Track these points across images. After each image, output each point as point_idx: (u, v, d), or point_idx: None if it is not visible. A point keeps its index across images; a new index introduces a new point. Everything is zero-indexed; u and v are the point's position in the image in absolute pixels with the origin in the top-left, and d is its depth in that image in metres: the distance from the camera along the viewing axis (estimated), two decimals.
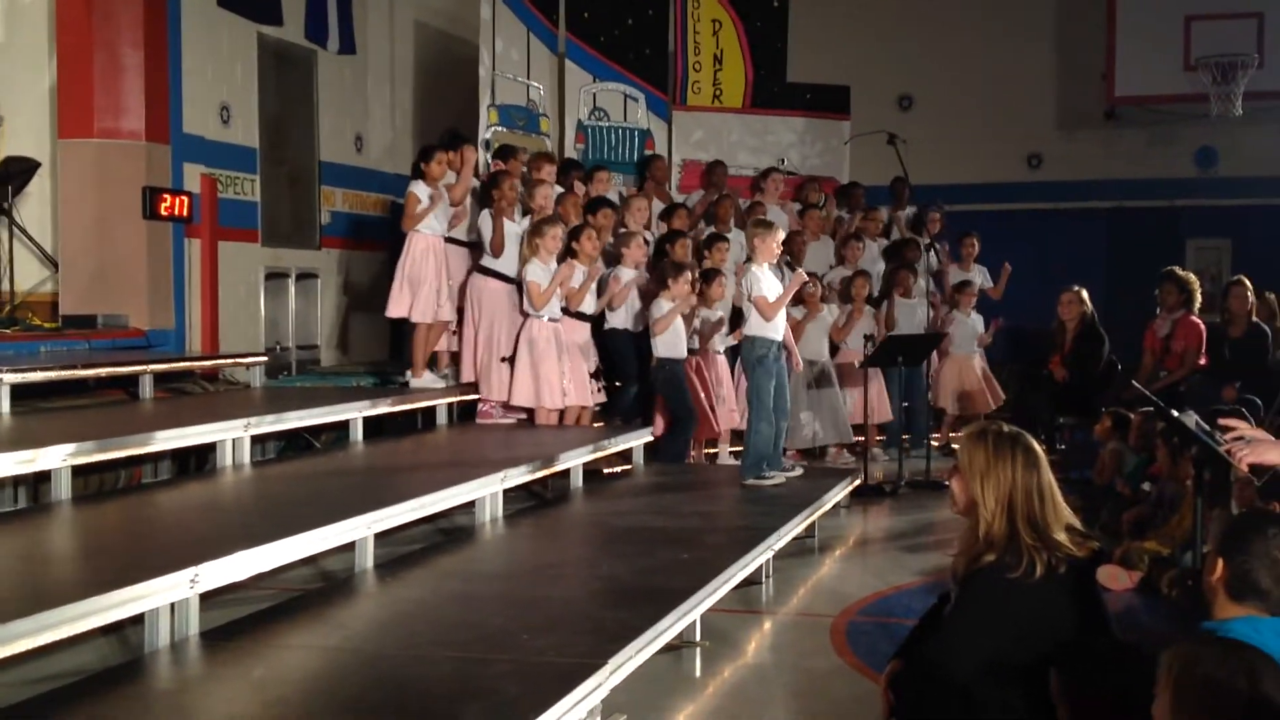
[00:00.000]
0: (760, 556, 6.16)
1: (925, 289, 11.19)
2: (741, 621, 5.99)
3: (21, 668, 4.24)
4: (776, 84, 13.70)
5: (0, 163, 9.15)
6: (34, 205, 9.31)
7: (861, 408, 10.30)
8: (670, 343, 8.87)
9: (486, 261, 8.92)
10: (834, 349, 10.80)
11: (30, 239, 9.21)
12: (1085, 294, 10.22)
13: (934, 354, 11.03)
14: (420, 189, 8.70)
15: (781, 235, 8.32)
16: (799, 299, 9.97)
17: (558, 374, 8.56)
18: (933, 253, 11.47)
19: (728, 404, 9.50)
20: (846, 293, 11.04)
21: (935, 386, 11.43)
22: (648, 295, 9.23)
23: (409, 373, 8.82)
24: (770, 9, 13.78)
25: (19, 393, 6.68)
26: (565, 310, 8.78)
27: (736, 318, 9.40)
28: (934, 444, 10.80)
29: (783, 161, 13.13)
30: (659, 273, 9.09)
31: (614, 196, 10.57)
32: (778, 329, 7.92)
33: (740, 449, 8.61)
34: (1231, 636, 2.90)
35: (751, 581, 6.23)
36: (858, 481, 8.90)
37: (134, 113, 9.33)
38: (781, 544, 6.59)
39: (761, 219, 8.86)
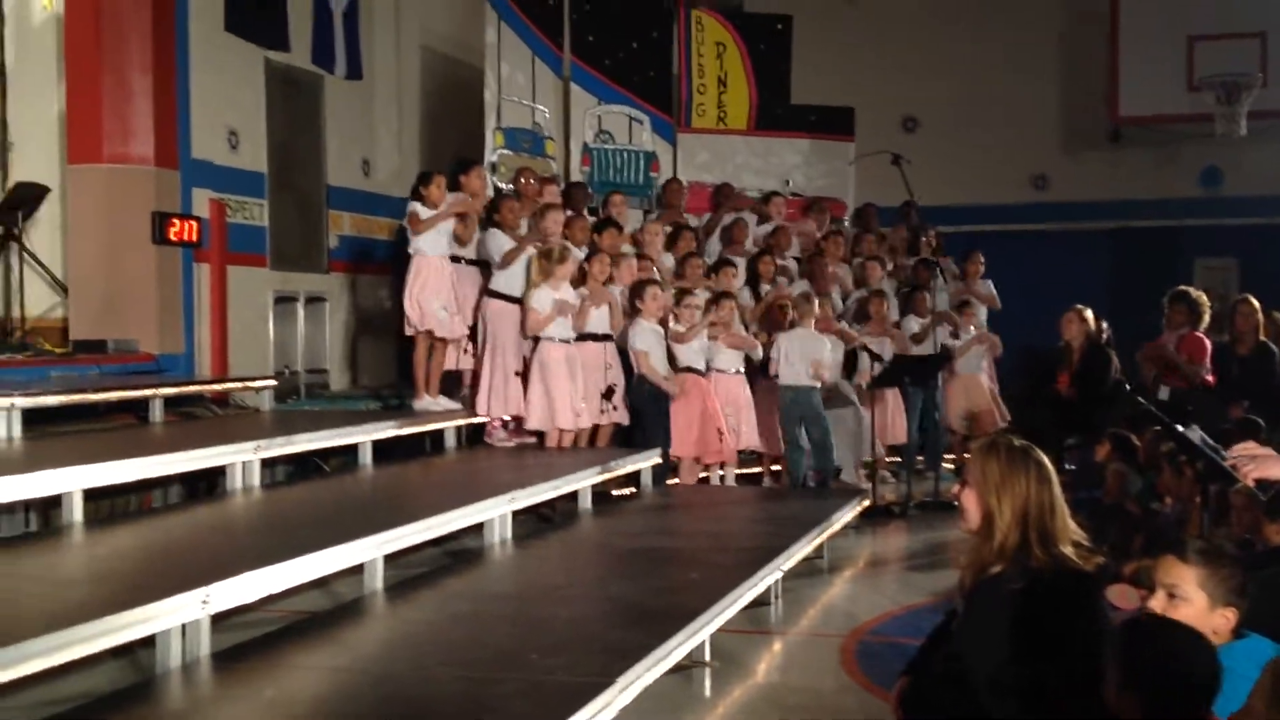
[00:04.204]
0: (769, 576, 6.16)
1: (931, 309, 11.21)
2: (751, 641, 5.98)
3: (34, 690, 4.24)
4: (780, 106, 13.76)
5: (10, 189, 9.22)
6: (44, 230, 9.37)
7: (873, 429, 10.31)
8: (656, 359, 8.98)
9: (494, 282, 8.94)
10: (852, 370, 10.77)
11: (40, 264, 9.25)
12: (1088, 313, 10.21)
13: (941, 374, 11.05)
14: (420, 209, 8.70)
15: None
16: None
17: (569, 395, 8.57)
18: (939, 271, 11.51)
19: (739, 426, 9.53)
20: (863, 312, 11.06)
21: (943, 406, 11.43)
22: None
23: (420, 396, 8.82)
24: (774, 31, 13.87)
25: (30, 417, 6.69)
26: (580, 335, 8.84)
27: None
28: (948, 465, 10.80)
29: (788, 183, 13.18)
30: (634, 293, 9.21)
31: (631, 219, 10.65)
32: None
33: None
34: None
35: (760, 602, 6.22)
36: (867, 502, 8.90)
37: (143, 138, 9.36)
38: (790, 564, 6.59)
39: (807, 293, 10.08)
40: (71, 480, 5.53)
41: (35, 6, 9.77)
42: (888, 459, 10.93)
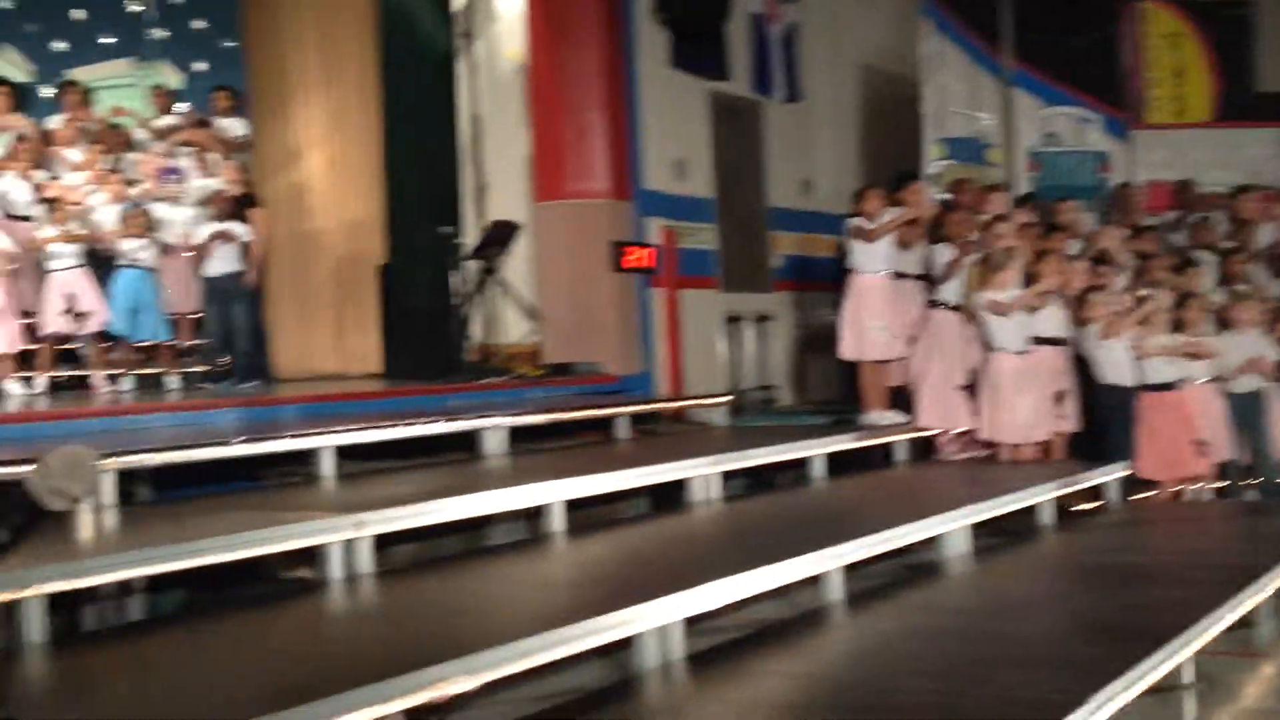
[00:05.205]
0: (1255, 595, 5.72)
1: None
2: (1237, 664, 5.58)
3: (525, 686, 4.57)
4: (1245, 95, 12.79)
5: (488, 226, 10.07)
6: (517, 263, 10.15)
7: None
8: (1117, 368, 8.52)
9: (938, 294, 8.86)
10: None
11: (515, 295, 10.04)
12: None
13: None
14: (861, 223, 8.78)
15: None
16: None
17: (1022, 408, 8.34)
18: None
19: (1214, 439, 8.89)
20: None
21: None
22: None
23: (867, 410, 8.87)
24: (1233, 17, 12.92)
25: (515, 435, 7.31)
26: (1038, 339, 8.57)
27: None
28: None
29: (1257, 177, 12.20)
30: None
31: (1084, 223, 10.24)
32: None
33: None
34: None
35: (1246, 623, 5.79)
36: None
37: (600, 173, 9.99)
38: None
39: (1236, 290, 9.48)
40: (554, 492, 5.99)
41: (503, 58, 10.65)
42: None
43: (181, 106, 11.48)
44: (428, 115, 10.31)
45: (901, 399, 9.14)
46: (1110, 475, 8.11)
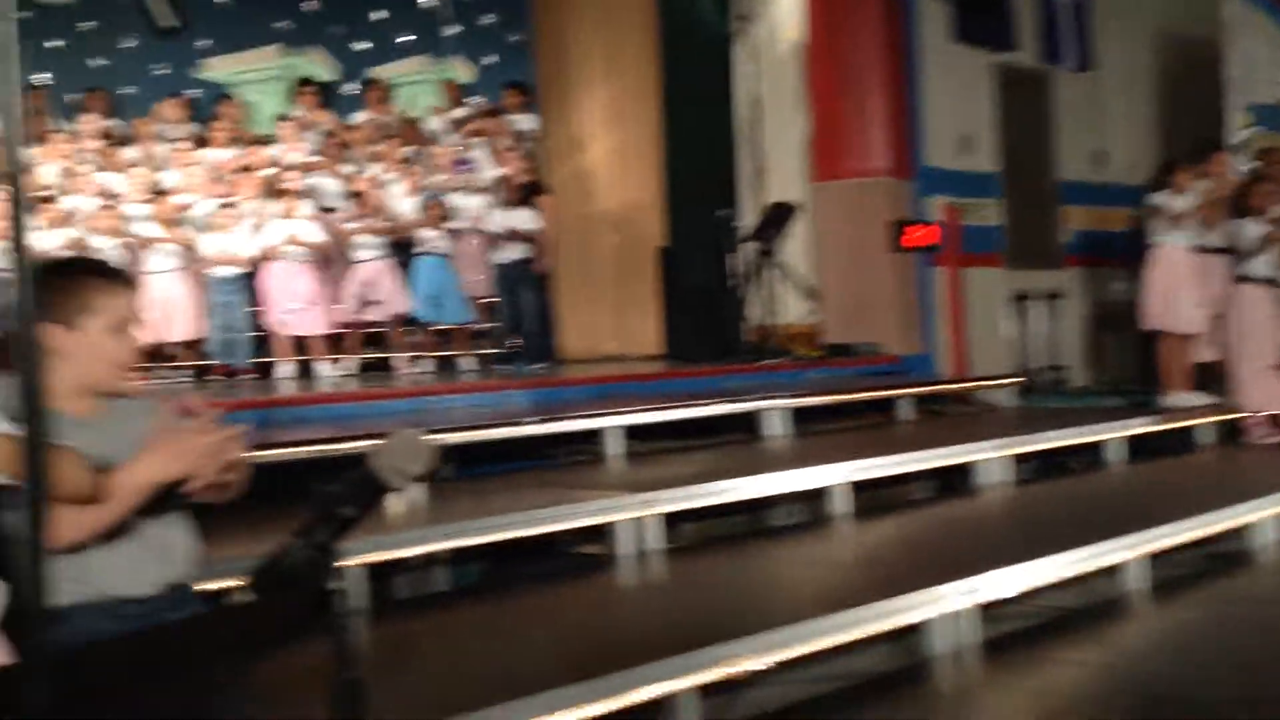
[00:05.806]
0: None
1: None
2: None
3: (810, 667, 4.59)
4: None
5: (766, 208, 10.10)
6: (794, 244, 10.14)
7: None
8: None
9: (1245, 267, 8.38)
10: None
11: (793, 276, 10.04)
12: None
13: None
14: (1161, 198, 8.43)
15: None
16: None
17: None
18: None
19: None
20: None
21: None
22: None
23: (1168, 391, 8.49)
24: None
25: (795, 416, 7.32)
26: None
27: None
28: None
29: None
30: None
31: None
32: None
33: None
34: None
35: None
36: None
37: (879, 152, 9.85)
38: None
39: None
40: (839, 474, 5.97)
41: (781, 39, 10.63)
42: None
43: (472, 99, 11.98)
44: (706, 99, 10.41)
45: (1205, 379, 8.70)
46: None
